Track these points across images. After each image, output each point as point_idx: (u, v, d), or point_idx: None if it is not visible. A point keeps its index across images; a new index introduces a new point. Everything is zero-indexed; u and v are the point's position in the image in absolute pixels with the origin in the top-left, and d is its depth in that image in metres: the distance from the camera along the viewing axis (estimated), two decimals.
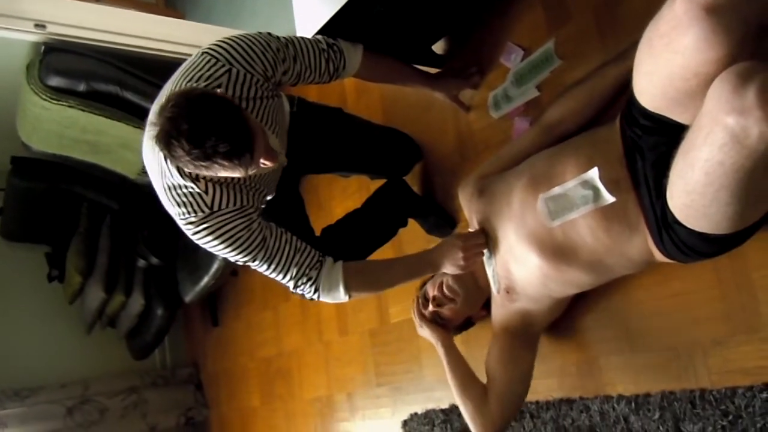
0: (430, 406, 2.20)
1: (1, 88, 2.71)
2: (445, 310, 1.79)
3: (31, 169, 3.13)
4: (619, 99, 1.55)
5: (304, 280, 1.58)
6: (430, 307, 1.80)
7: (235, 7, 3.52)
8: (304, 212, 1.95)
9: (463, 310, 1.80)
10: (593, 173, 1.36)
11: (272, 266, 1.57)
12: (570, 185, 1.39)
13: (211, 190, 1.44)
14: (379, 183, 2.11)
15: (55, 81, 2.43)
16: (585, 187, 1.37)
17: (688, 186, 1.09)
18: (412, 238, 2.23)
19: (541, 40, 1.81)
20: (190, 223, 1.46)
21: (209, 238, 1.48)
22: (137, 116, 2.55)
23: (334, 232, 1.95)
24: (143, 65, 2.51)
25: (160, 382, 3.92)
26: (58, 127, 2.57)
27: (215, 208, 1.46)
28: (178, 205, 1.45)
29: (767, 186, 1.06)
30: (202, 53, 1.45)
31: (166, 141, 1.21)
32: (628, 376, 1.61)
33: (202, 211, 1.45)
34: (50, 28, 2.35)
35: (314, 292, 1.60)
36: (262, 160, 1.32)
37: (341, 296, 1.60)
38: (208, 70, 1.41)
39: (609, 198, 1.34)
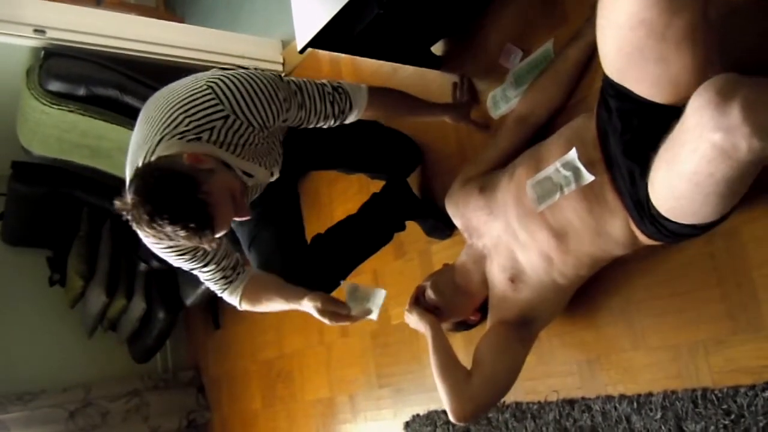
0: (433, 407, 2.20)
1: (1, 93, 2.72)
2: None
3: (32, 174, 3.13)
4: (583, 76, 1.66)
5: (223, 285, 1.70)
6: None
7: (233, 10, 3.53)
8: (299, 215, 1.94)
9: (448, 318, 1.78)
10: (572, 154, 1.41)
11: (203, 269, 1.65)
12: (552, 168, 1.45)
13: None
14: (379, 184, 2.12)
15: (55, 86, 2.43)
16: (566, 168, 1.42)
17: (676, 193, 1.14)
18: (413, 239, 2.23)
19: (540, 41, 1.82)
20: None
21: (154, 241, 1.51)
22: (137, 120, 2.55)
23: (324, 241, 1.94)
24: (143, 69, 2.51)
25: (162, 385, 3.92)
26: (58, 132, 2.57)
27: None
28: None
29: (752, 176, 1.10)
30: (207, 86, 1.41)
31: (133, 219, 1.28)
32: (629, 376, 1.61)
33: None
34: (50, 34, 2.36)
35: (221, 293, 1.72)
36: (237, 219, 1.40)
37: (237, 305, 1.73)
38: (206, 109, 1.39)
39: (588, 177, 1.38)
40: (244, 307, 1.73)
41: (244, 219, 1.43)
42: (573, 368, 1.75)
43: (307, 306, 1.58)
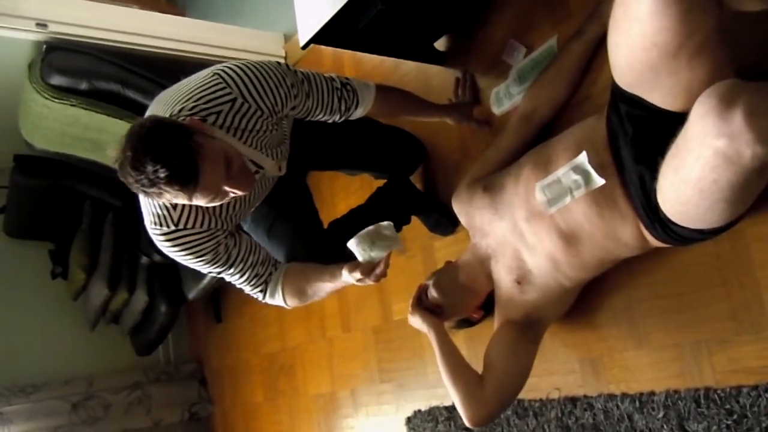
0: (434, 403, 2.20)
1: (3, 86, 2.71)
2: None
3: (34, 167, 3.14)
4: (587, 73, 1.66)
5: (257, 285, 1.65)
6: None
7: (235, 3, 3.51)
8: (313, 205, 1.94)
9: (450, 316, 1.77)
10: (582, 157, 1.40)
11: (230, 271, 1.61)
12: (562, 171, 1.44)
13: (179, 208, 1.45)
14: (382, 182, 2.11)
15: (56, 80, 2.42)
16: (576, 171, 1.41)
17: (682, 198, 1.14)
18: (416, 235, 2.23)
19: (544, 37, 1.80)
20: (156, 234, 1.49)
21: (173, 249, 1.50)
22: (139, 114, 2.54)
23: (342, 226, 1.94)
24: (144, 63, 2.50)
25: (164, 377, 3.94)
26: (60, 126, 2.57)
27: (180, 226, 1.47)
28: (149, 214, 1.48)
29: (759, 184, 1.10)
30: (214, 73, 1.41)
31: (120, 164, 1.24)
32: (632, 375, 1.61)
33: (167, 227, 1.46)
34: (51, 27, 2.35)
35: (263, 297, 1.68)
36: (227, 188, 1.32)
37: (283, 305, 1.68)
38: (214, 93, 1.38)
39: (599, 180, 1.38)
40: (291, 303, 1.67)
41: (239, 193, 1.35)
42: (575, 366, 1.75)
43: (348, 278, 1.52)
